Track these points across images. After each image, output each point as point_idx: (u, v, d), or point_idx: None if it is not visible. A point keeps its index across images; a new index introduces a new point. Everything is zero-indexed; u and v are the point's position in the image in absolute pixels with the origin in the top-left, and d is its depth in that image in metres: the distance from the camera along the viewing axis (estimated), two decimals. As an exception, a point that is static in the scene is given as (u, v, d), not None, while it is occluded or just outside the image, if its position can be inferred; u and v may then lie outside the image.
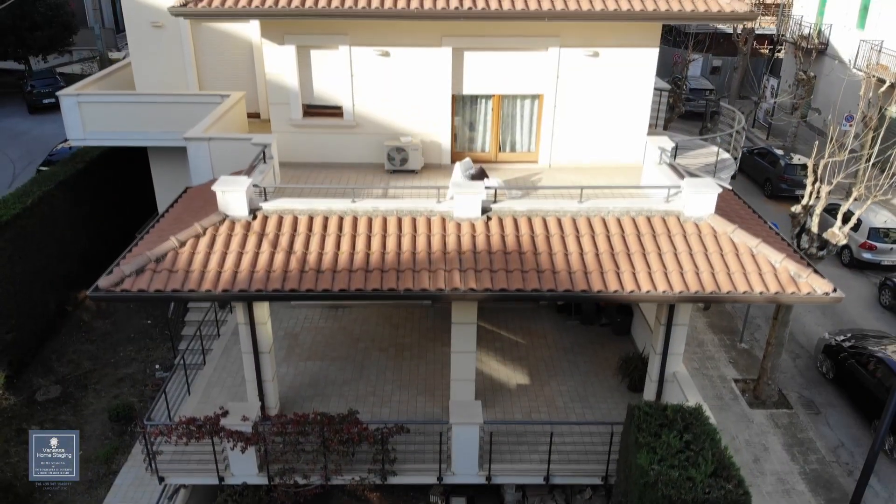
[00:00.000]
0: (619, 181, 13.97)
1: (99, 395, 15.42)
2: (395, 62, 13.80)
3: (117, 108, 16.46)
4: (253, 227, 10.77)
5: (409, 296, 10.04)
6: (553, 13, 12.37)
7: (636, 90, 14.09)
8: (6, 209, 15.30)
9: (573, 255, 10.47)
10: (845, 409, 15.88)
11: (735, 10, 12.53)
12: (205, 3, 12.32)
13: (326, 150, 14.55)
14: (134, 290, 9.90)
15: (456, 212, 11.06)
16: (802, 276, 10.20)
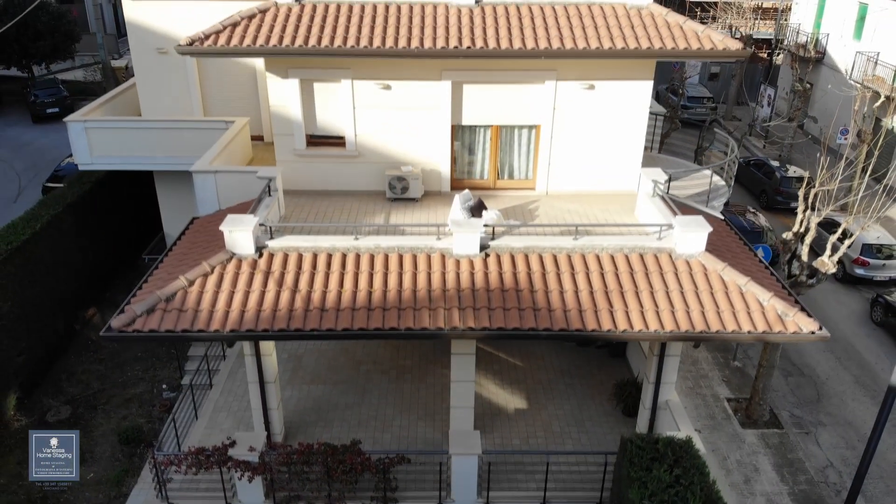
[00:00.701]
0: (613, 209, 14.35)
1: (108, 415, 15.83)
2: (396, 94, 14.14)
3: (124, 133, 16.82)
4: (259, 266, 11.14)
5: (410, 335, 10.43)
6: (549, 52, 12.72)
7: (631, 121, 14.44)
8: (16, 234, 15.68)
9: (568, 292, 10.85)
10: (836, 427, 16.30)
11: (727, 47, 12.87)
12: (210, 42, 12.68)
13: (329, 178, 14.91)
14: (145, 329, 10.28)
15: (455, 249, 11.43)
16: (789, 315, 10.58)
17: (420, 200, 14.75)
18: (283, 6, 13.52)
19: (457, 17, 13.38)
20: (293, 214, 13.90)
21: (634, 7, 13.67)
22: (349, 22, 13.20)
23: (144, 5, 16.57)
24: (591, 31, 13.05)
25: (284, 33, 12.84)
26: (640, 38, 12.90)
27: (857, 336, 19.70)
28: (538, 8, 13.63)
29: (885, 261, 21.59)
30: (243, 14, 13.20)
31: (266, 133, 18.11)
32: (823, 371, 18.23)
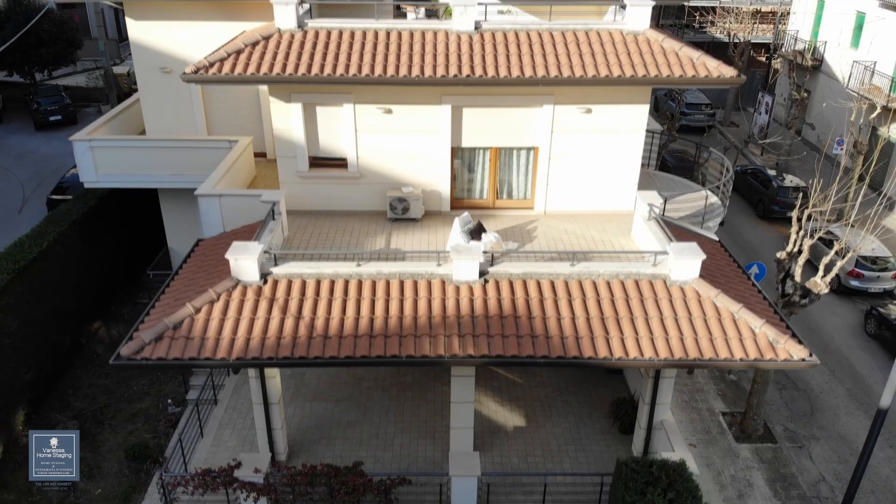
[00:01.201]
0: (610, 229, 14.63)
1: (115, 430, 16.12)
2: (397, 118, 14.41)
3: (128, 152, 17.09)
4: (264, 293, 11.42)
5: (411, 362, 10.72)
6: (547, 80, 12.99)
7: (627, 144, 14.71)
8: (24, 253, 15.94)
9: (565, 319, 11.13)
10: (829, 441, 16.60)
11: (722, 74, 13.13)
12: (215, 70, 12.93)
13: (331, 198, 15.18)
14: (154, 357, 10.58)
15: (455, 275, 11.71)
16: (780, 342, 10.86)
17: (420, 221, 15.03)
18: (286, 32, 13.77)
19: (456, 43, 13.63)
20: (296, 236, 14.18)
21: (631, 33, 13.91)
22: (351, 49, 13.45)
23: (148, 25, 16.82)
24: (588, 58, 13.30)
25: (288, 61, 13.09)
26: (636, 65, 13.15)
27: (850, 348, 19.98)
28: (536, 34, 13.88)
29: (880, 273, 21.86)
30: (247, 41, 13.44)
31: (269, 150, 18.37)
32: (817, 384, 18.52)
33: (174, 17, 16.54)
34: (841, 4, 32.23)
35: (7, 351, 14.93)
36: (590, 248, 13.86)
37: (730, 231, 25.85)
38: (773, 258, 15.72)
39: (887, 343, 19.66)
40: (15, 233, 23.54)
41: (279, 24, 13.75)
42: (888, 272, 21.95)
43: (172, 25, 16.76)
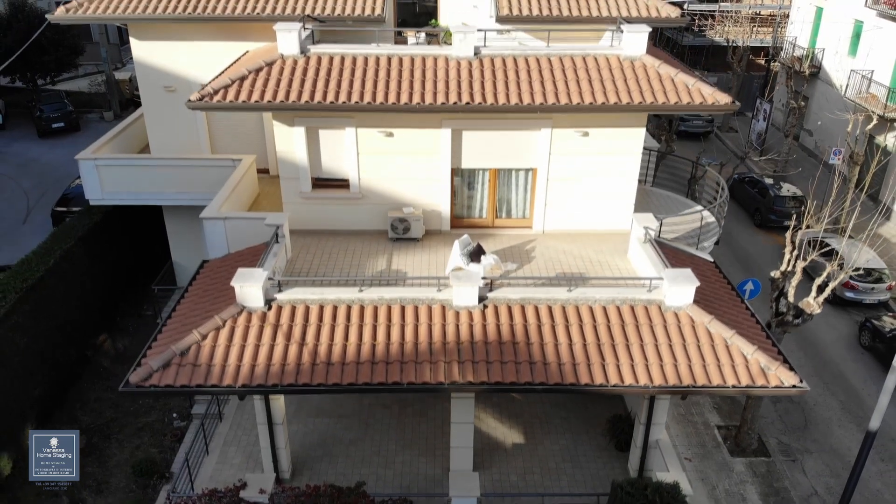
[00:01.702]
0: (607, 249, 14.90)
1: (121, 445, 16.44)
2: (398, 141, 14.67)
3: (134, 171, 17.37)
4: (268, 319, 11.71)
5: (412, 388, 11.01)
6: (545, 107, 13.26)
7: (624, 166, 14.98)
8: (31, 272, 16.22)
9: (562, 345, 11.42)
10: (821, 455, 16.92)
11: (717, 101, 13.40)
12: (219, 98, 13.20)
13: (334, 218, 15.45)
14: (162, 384, 10.87)
15: (455, 300, 11.99)
16: (772, 369, 11.16)
17: (421, 240, 15.30)
18: (288, 58, 14.02)
19: (456, 70, 13.89)
20: (300, 256, 14.46)
21: (628, 58, 14.16)
22: (353, 76, 13.71)
23: (152, 45, 17.05)
24: (586, 84, 13.56)
25: (291, 88, 13.35)
26: (633, 91, 13.41)
27: (844, 360, 20.27)
28: (535, 60, 14.13)
29: (874, 284, 22.14)
30: (250, 67, 13.70)
31: (272, 166, 18.61)
32: (811, 397, 18.83)
33: (178, 37, 16.77)
34: (839, 13, 32.42)
35: (16, 369, 15.23)
36: (587, 269, 14.14)
37: (726, 240, 26.11)
38: (768, 276, 15.98)
39: (881, 355, 19.95)
40: (20, 244, 23.94)
41: (282, 49, 14.00)
42: (882, 284, 22.23)
43: (176, 45, 16.98)
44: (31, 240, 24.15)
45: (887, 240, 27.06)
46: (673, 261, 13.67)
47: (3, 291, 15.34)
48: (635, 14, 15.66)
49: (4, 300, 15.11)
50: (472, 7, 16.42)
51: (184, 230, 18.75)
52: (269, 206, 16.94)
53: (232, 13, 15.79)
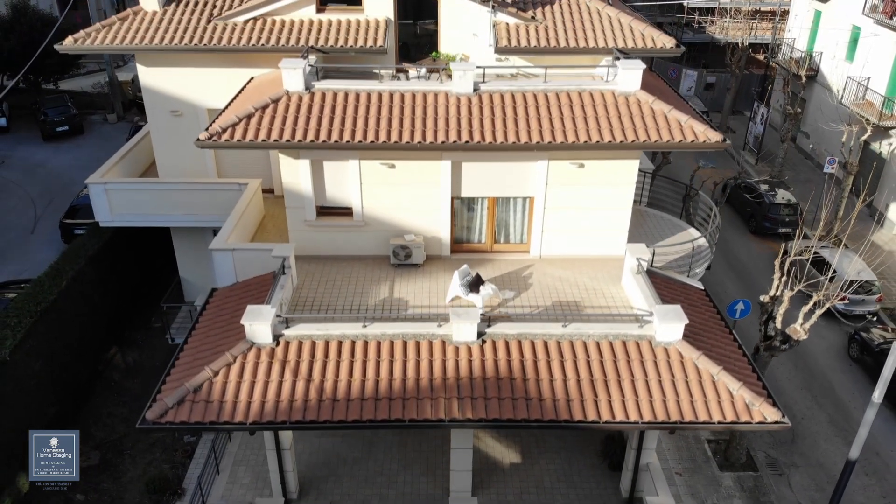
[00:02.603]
0: (602, 277, 15.40)
1: (134, 460, 17.09)
2: (400, 172, 15.13)
3: (142, 194, 17.87)
4: (276, 355, 12.27)
5: (414, 425, 11.60)
6: (541, 145, 13.74)
7: (618, 195, 15.45)
8: (44, 294, 16.75)
9: (557, 381, 11.99)
10: (807, 469, 17.58)
11: (708, 139, 13.86)
12: (227, 136, 13.67)
13: (338, 245, 15.95)
14: (177, 421, 11.47)
15: (455, 336, 12.55)
16: (756, 405, 11.74)
17: (422, 266, 15.82)
18: (293, 95, 14.44)
19: (456, 106, 14.31)
20: (305, 284, 14.99)
21: (623, 94, 14.58)
22: (356, 113, 14.15)
23: (158, 71, 17.44)
24: (581, 122, 14.00)
25: (296, 126, 13.81)
26: (626, 129, 13.86)
27: (834, 371, 20.86)
28: (532, 96, 14.55)
29: (865, 296, 22.65)
30: (256, 105, 14.13)
31: (276, 187, 19.06)
32: (800, 410, 19.45)
33: (184, 64, 17.14)
34: (837, 17, 32.63)
35: (32, 391, 15.84)
36: (582, 297, 14.68)
37: (721, 246, 26.61)
38: (758, 299, 16.51)
39: (869, 368, 20.52)
40: (30, 254, 24.51)
41: (287, 86, 14.42)
42: (873, 295, 22.75)
43: (182, 72, 17.36)
44: (41, 250, 24.77)
45: (880, 247, 27.59)
46: (664, 290, 14.25)
47: (19, 316, 15.89)
48: (630, 45, 16.04)
49: (20, 325, 15.67)
50: (471, 35, 16.77)
51: (191, 249, 19.28)
52: (274, 229, 17.48)
53: (237, 44, 16.16)
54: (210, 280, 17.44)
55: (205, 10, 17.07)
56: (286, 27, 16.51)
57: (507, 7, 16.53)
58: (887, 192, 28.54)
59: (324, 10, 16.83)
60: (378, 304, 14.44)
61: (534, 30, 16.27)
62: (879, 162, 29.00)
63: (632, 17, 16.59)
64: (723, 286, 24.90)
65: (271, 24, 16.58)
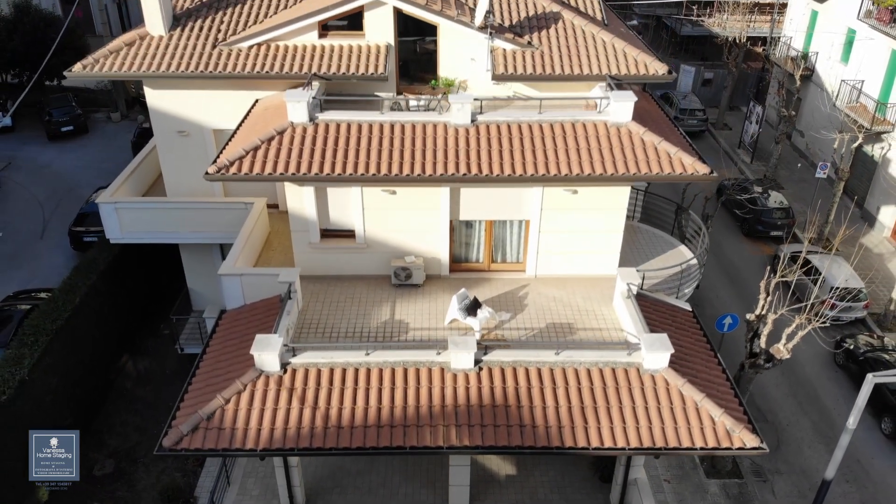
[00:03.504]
0: (594, 297, 16.06)
1: (148, 469, 17.90)
2: (401, 198, 15.72)
3: (151, 213, 18.45)
4: (284, 383, 12.96)
5: (414, 451, 12.34)
6: (536, 178, 14.31)
7: (610, 218, 16.07)
8: (59, 312, 17.44)
9: (549, 408, 12.70)
10: (791, 476, 18.39)
11: (696, 171, 14.43)
12: (235, 169, 14.26)
13: (341, 265, 16.60)
14: (192, 448, 12.20)
15: (453, 363, 13.22)
16: (736, 431, 12.46)
17: (422, 286, 16.47)
18: (298, 126, 14.98)
19: (454, 138, 14.86)
20: (310, 306, 15.66)
21: (615, 125, 15.12)
22: (359, 145, 14.70)
23: (165, 94, 17.91)
24: (574, 154, 14.57)
25: (301, 159, 14.38)
26: (618, 162, 14.44)
27: (819, 378, 21.61)
28: (528, 126, 15.09)
29: (852, 303, 23.31)
30: (262, 137, 14.68)
31: (280, 202, 19.59)
32: (785, 417, 20.24)
33: (189, 87, 17.59)
34: (833, 19, 32.88)
35: (49, 407, 16.58)
36: (576, 319, 15.36)
37: (714, 249, 27.21)
38: (745, 317, 17.19)
39: (853, 375, 21.28)
40: (40, 260, 25.15)
41: (291, 117, 14.94)
42: (860, 302, 23.42)
43: (188, 94, 17.78)
44: (50, 256, 25.42)
45: (870, 250, 28.22)
46: (653, 314, 14.94)
47: (36, 334, 16.59)
48: (624, 72, 16.52)
49: (37, 344, 16.37)
50: (469, 60, 17.23)
51: (198, 262, 19.90)
52: (279, 246, 18.09)
53: (242, 71, 16.64)
54: (216, 290, 18.20)
55: (209, 34, 17.50)
56: (289, 53, 16.97)
57: (505, 33, 16.97)
58: (878, 195, 29.09)
59: (326, 35, 17.27)
60: (380, 327, 15.13)
61: (530, 56, 16.74)
62: (871, 165, 29.51)
63: (625, 43, 17.04)
64: (715, 290, 25.58)
65: (275, 50, 17.04)
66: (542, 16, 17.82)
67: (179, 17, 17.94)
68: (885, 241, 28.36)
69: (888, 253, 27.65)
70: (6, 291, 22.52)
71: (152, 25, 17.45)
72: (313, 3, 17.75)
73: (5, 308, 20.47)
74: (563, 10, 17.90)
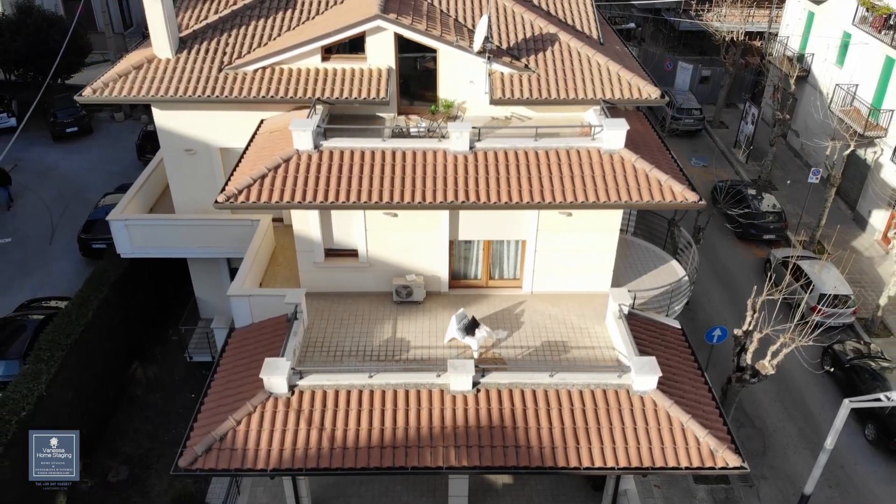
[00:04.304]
0: (588, 314, 16.76)
1: (160, 475, 18.68)
2: (402, 219, 16.34)
3: (160, 229, 19.07)
4: (292, 404, 13.67)
5: (415, 472, 13.08)
6: (531, 205, 14.92)
7: (603, 239, 16.70)
8: (73, 326, 18.11)
9: (544, 429, 13.42)
10: (776, 481, 19.20)
11: (686, 198, 15.03)
12: (243, 198, 14.85)
13: (344, 283, 17.26)
14: (206, 468, 12.95)
15: (452, 385, 13.92)
16: (719, 452, 13.20)
17: (423, 303, 17.14)
18: (303, 154, 15.53)
19: (454, 165, 15.43)
20: (315, 323, 16.35)
21: (608, 152, 15.68)
22: (362, 172, 15.27)
23: (172, 114, 18.41)
24: (568, 182, 15.16)
25: (307, 187, 14.95)
26: (610, 189, 15.03)
27: (807, 384, 22.35)
28: (524, 153, 15.66)
29: (840, 309, 23.98)
30: (269, 165, 15.24)
31: (285, 216, 20.17)
32: (772, 422, 21.01)
33: (196, 107, 18.07)
34: (829, 21, 33.20)
35: (64, 420, 17.27)
36: (570, 337, 16.07)
37: (707, 251, 27.85)
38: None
39: (839, 382, 22.01)
40: (50, 266, 25.79)
41: (297, 145, 15.50)
42: (848, 308, 24.09)
43: (195, 114, 18.26)
44: (60, 262, 26.03)
45: (860, 252, 28.86)
46: (643, 333, 15.65)
47: (52, 350, 17.28)
48: (618, 96, 17.03)
49: (53, 359, 17.06)
50: (468, 82, 17.73)
51: (206, 273, 20.57)
52: (284, 261, 18.73)
53: (248, 95, 17.14)
54: (223, 299, 18.87)
55: (215, 57, 17.97)
56: (293, 77, 17.46)
57: (502, 56, 17.45)
58: (870, 199, 29.66)
59: (328, 58, 17.74)
60: (382, 345, 15.83)
61: (527, 80, 17.24)
62: (864, 168, 30.03)
63: (620, 66, 17.52)
64: (707, 295, 26.26)
65: (279, 74, 17.53)
66: (540, 37, 18.28)
67: (186, 39, 18.40)
68: (875, 245, 28.99)
69: (878, 256, 28.29)
70: (19, 299, 23.22)
71: (159, 48, 17.92)
72: (315, 26, 18.23)
73: (18, 318, 21.14)
74: (560, 32, 18.34)
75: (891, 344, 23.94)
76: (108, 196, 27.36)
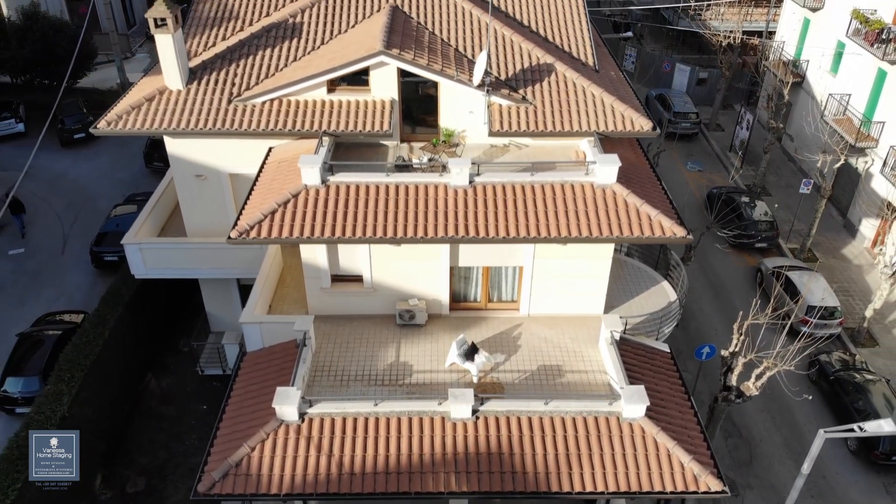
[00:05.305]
0: (582, 337, 17.62)
1: (176, 486, 19.66)
2: (405, 249, 17.13)
3: (172, 252, 19.88)
4: (302, 431, 14.58)
5: (418, 497, 14.02)
6: (528, 239, 15.75)
7: (596, 266, 17.51)
8: (92, 347, 18.99)
9: (538, 456, 14.34)
10: (761, 490, 20.18)
11: (674, 234, 15.82)
12: (254, 234, 15.64)
13: (349, 306, 18.10)
14: (223, 493, 13.89)
15: (452, 413, 14.82)
16: (702, 476, 14.13)
17: (425, 326, 18.00)
18: (311, 189, 16.29)
19: (454, 199, 16.20)
20: (322, 347, 17.22)
21: (601, 186, 16.44)
22: (367, 207, 16.05)
23: (183, 142, 19.14)
24: (563, 216, 15.94)
25: (315, 222, 15.75)
26: (602, 224, 15.83)
27: (794, 393, 23.24)
28: (521, 188, 16.42)
29: (827, 320, 24.83)
30: (279, 201, 16.02)
31: (292, 236, 21.00)
32: (759, 432, 21.95)
33: (206, 136, 18.77)
34: (824, 29, 33.68)
35: (86, 435, 18.19)
36: (564, 360, 16.94)
37: (699, 259, 28.66)
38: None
39: (824, 393, 22.92)
40: (63, 277, 26.60)
41: (305, 181, 16.26)
42: (835, 319, 24.94)
43: (205, 142, 18.96)
44: (72, 274, 26.82)
45: (849, 260, 29.67)
46: (633, 357, 16.56)
47: (72, 370, 18.18)
48: (612, 128, 17.73)
49: (73, 379, 17.97)
50: (468, 112, 18.43)
51: (216, 291, 21.43)
52: (292, 282, 19.54)
53: (257, 128, 17.86)
54: (232, 314, 19.79)
55: (225, 88, 18.64)
56: (300, 109, 18.15)
57: (501, 89, 18.13)
58: (860, 207, 30.38)
59: (334, 90, 18.41)
60: (386, 369, 16.71)
61: (524, 112, 17.94)
62: (856, 177, 30.71)
63: (614, 98, 18.20)
64: (699, 303, 27.10)
65: (287, 106, 18.22)
66: (537, 67, 18.94)
67: (195, 70, 19.06)
68: (864, 253, 29.77)
69: (867, 265, 29.09)
70: (36, 312, 24.08)
71: (170, 80, 18.59)
72: (322, 57, 18.87)
73: (35, 333, 22.01)
74: (557, 62, 18.98)
75: (876, 354, 24.85)
76: (118, 207, 28.11)
